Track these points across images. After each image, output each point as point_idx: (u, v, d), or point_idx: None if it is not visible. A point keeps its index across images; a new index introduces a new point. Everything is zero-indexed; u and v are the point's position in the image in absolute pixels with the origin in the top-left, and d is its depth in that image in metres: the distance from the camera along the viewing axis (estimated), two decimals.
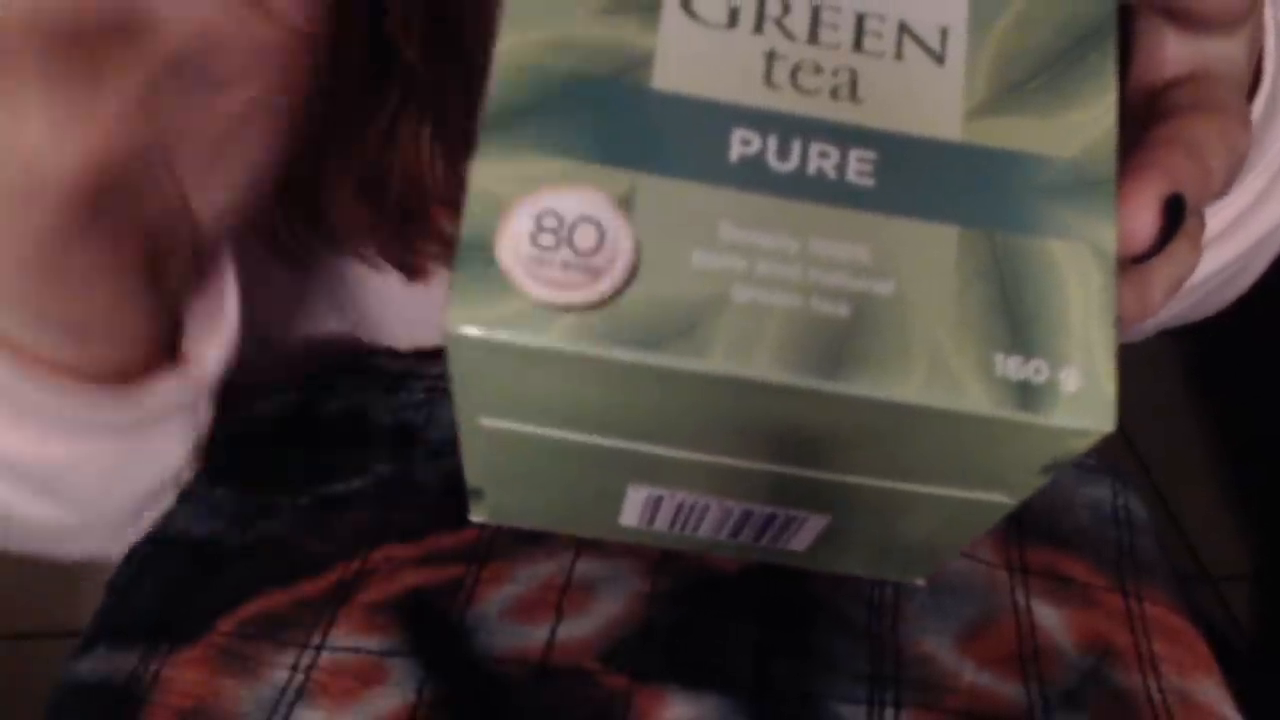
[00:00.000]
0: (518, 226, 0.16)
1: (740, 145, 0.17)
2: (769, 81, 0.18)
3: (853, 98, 0.18)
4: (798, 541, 0.23)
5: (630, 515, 0.22)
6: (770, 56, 0.18)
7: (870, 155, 0.17)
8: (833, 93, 0.18)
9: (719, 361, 0.16)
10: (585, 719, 0.32)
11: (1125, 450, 1.16)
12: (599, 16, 0.18)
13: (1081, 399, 0.17)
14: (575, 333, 0.16)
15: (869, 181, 0.17)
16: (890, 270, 0.17)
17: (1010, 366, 0.17)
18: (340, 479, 0.38)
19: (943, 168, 0.17)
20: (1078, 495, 0.41)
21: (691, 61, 0.18)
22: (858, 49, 0.18)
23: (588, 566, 0.35)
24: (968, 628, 0.36)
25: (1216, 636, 0.40)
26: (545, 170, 0.17)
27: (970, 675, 0.34)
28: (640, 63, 0.17)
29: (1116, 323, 0.17)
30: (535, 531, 0.31)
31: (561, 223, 0.16)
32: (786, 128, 0.17)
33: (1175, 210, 0.19)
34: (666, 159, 0.17)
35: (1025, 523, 0.39)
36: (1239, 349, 1.25)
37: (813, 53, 0.18)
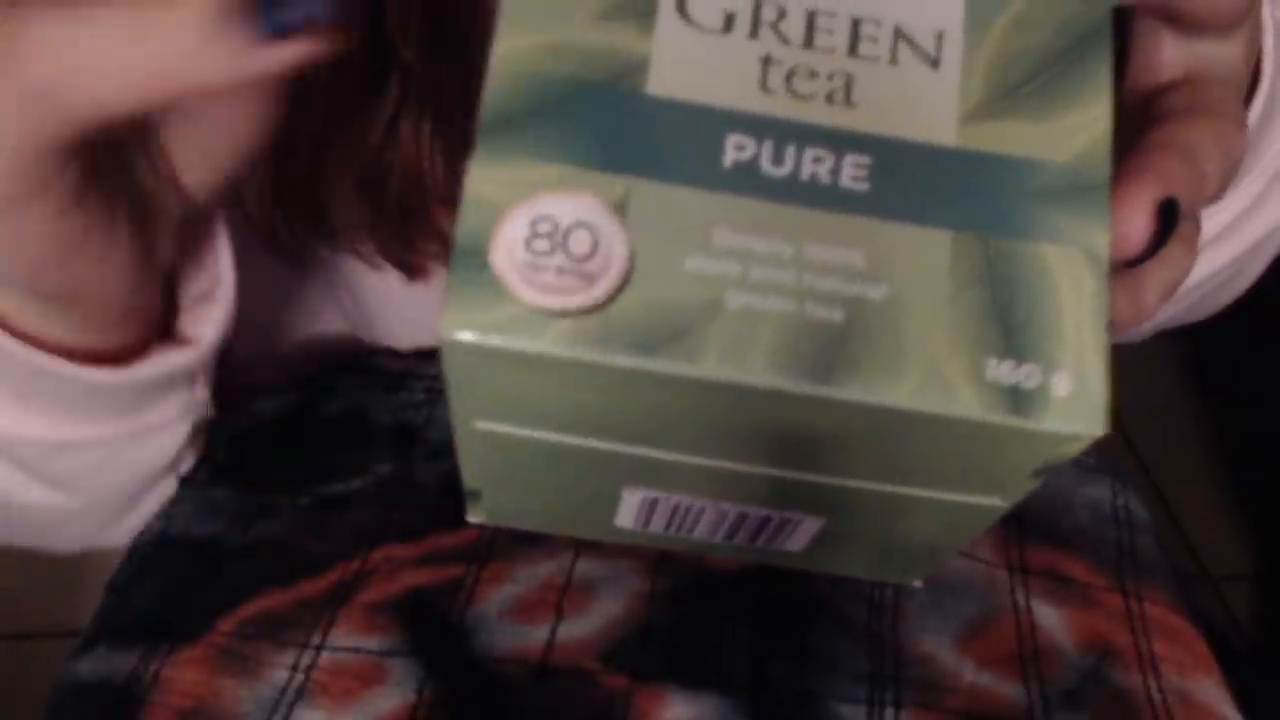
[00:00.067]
0: (512, 232, 0.16)
1: (734, 150, 0.17)
2: (764, 87, 0.18)
3: (847, 102, 0.18)
4: (793, 543, 0.23)
5: (626, 517, 0.23)
6: (765, 62, 0.18)
7: (864, 160, 0.17)
8: (828, 97, 0.18)
9: (713, 367, 0.16)
10: (585, 719, 0.32)
11: (1125, 450, 1.16)
12: (595, 22, 0.18)
13: (1073, 404, 0.17)
14: (569, 338, 0.16)
15: (863, 186, 0.17)
16: (884, 275, 0.17)
17: (1002, 371, 0.17)
18: (340, 479, 0.38)
19: (937, 172, 0.17)
20: (1077, 495, 0.41)
21: (686, 67, 0.18)
22: (853, 54, 0.18)
23: (587, 566, 0.35)
24: (968, 627, 0.36)
25: (1216, 636, 0.40)
26: (540, 175, 0.17)
27: (970, 675, 0.34)
28: (636, 68, 0.17)
29: (1109, 327, 0.17)
30: (535, 532, 0.31)
31: (556, 228, 0.16)
32: (781, 133, 0.17)
33: (1169, 215, 0.19)
34: (661, 164, 0.17)
35: (1025, 522, 0.39)
36: (1238, 349, 1.25)
37: (808, 58, 0.18)
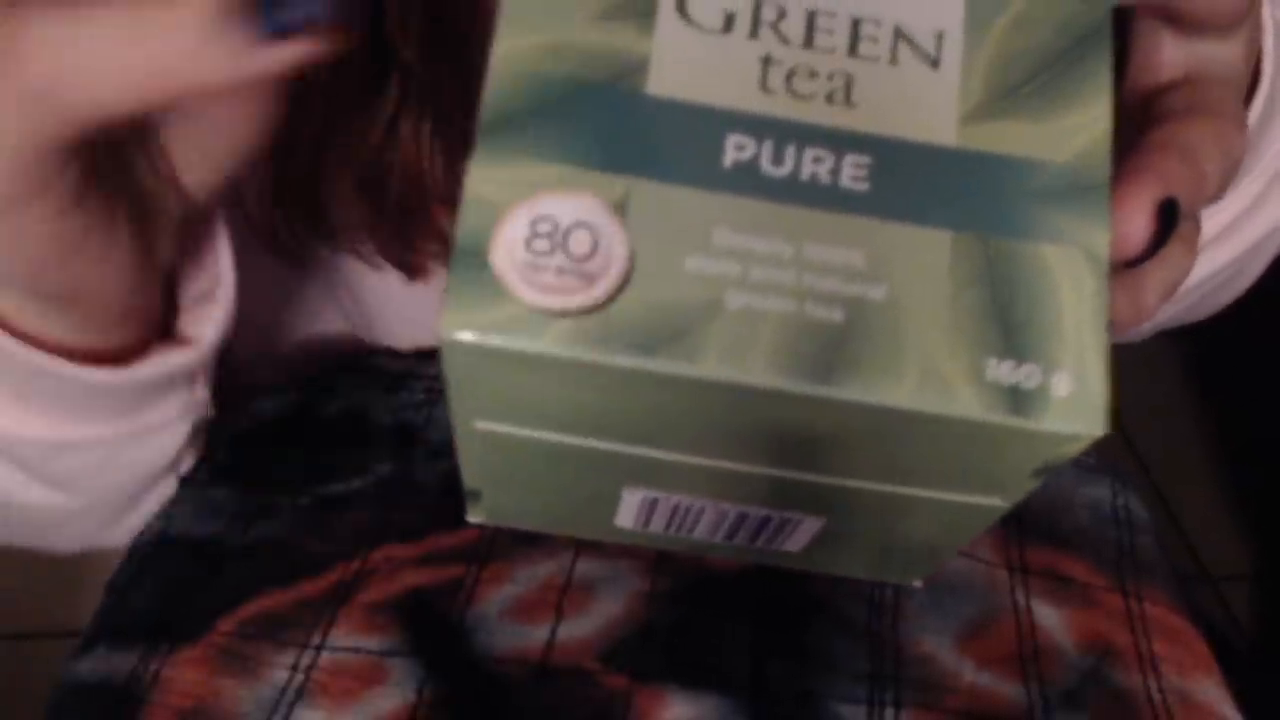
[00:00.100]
0: (512, 232, 0.16)
1: (734, 150, 0.17)
2: (764, 86, 0.18)
3: (847, 102, 0.18)
4: (793, 543, 0.23)
5: (626, 517, 0.23)
6: (765, 61, 0.18)
7: (864, 160, 0.17)
8: (828, 97, 0.18)
9: (712, 367, 0.16)
10: (585, 719, 0.32)
11: (1125, 450, 1.16)
12: (595, 22, 0.18)
13: (1073, 404, 0.17)
14: (569, 338, 0.16)
15: (863, 186, 0.17)
16: (884, 275, 0.17)
17: (1002, 371, 0.17)
18: (340, 479, 0.38)
19: (937, 172, 0.17)
20: (1077, 495, 0.41)
21: (686, 67, 0.18)
22: (853, 54, 0.18)
23: (587, 566, 0.35)
24: (968, 627, 0.36)
25: (1216, 636, 0.40)
26: (540, 175, 0.17)
27: (970, 675, 0.34)
28: (636, 68, 0.17)
29: (1109, 327, 0.17)
30: (535, 532, 0.31)
31: (556, 228, 0.16)
32: (781, 133, 0.17)
33: (1169, 215, 0.19)
34: (661, 164, 0.17)
35: (1025, 522, 0.39)
36: (1239, 349, 1.25)
37: (808, 57, 0.18)
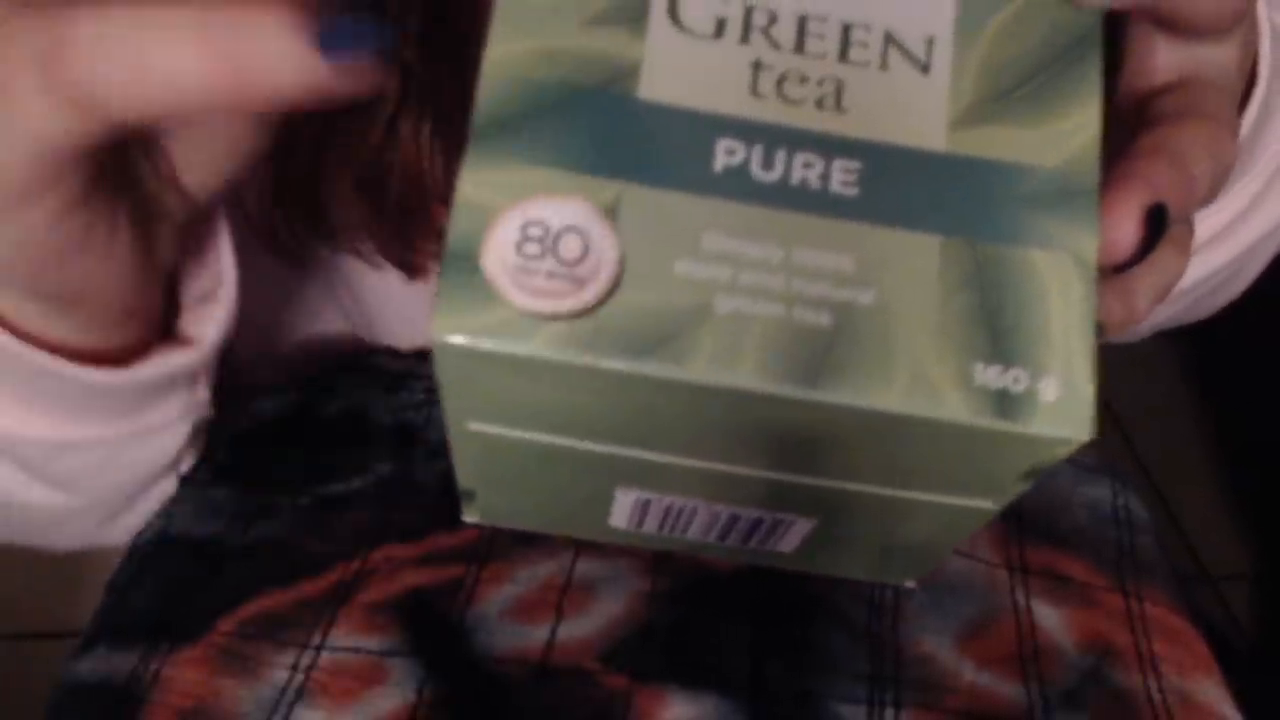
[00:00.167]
0: (503, 235, 0.16)
1: (725, 155, 0.17)
2: (754, 91, 0.18)
3: (838, 108, 0.18)
4: (785, 544, 0.23)
5: (619, 517, 0.23)
6: (756, 67, 0.18)
7: (854, 165, 0.17)
8: (818, 103, 0.18)
9: (702, 370, 0.16)
10: (585, 719, 0.32)
11: (1125, 450, 1.16)
12: (587, 27, 0.18)
13: (1060, 408, 0.17)
14: (560, 341, 0.16)
15: (853, 191, 0.17)
16: (873, 280, 0.17)
17: (990, 375, 0.17)
18: (340, 479, 0.38)
19: (926, 177, 0.18)
20: (1077, 495, 0.41)
21: (678, 72, 0.18)
22: (843, 59, 0.18)
23: (587, 566, 0.35)
24: (968, 627, 0.36)
25: (1216, 636, 0.40)
26: (532, 180, 0.17)
27: (970, 675, 0.34)
28: (627, 73, 0.18)
29: (1097, 332, 0.17)
30: (531, 532, 0.31)
31: (547, 232, 0.16)
32: (771, 138, 0.17)
33: (1157, 220, 0.19)
34: (652, 169, 0.17)
35: (1025, 522, 0.39)
36: (1238, 349, 1.25)
37: (798, 63, 0.18)
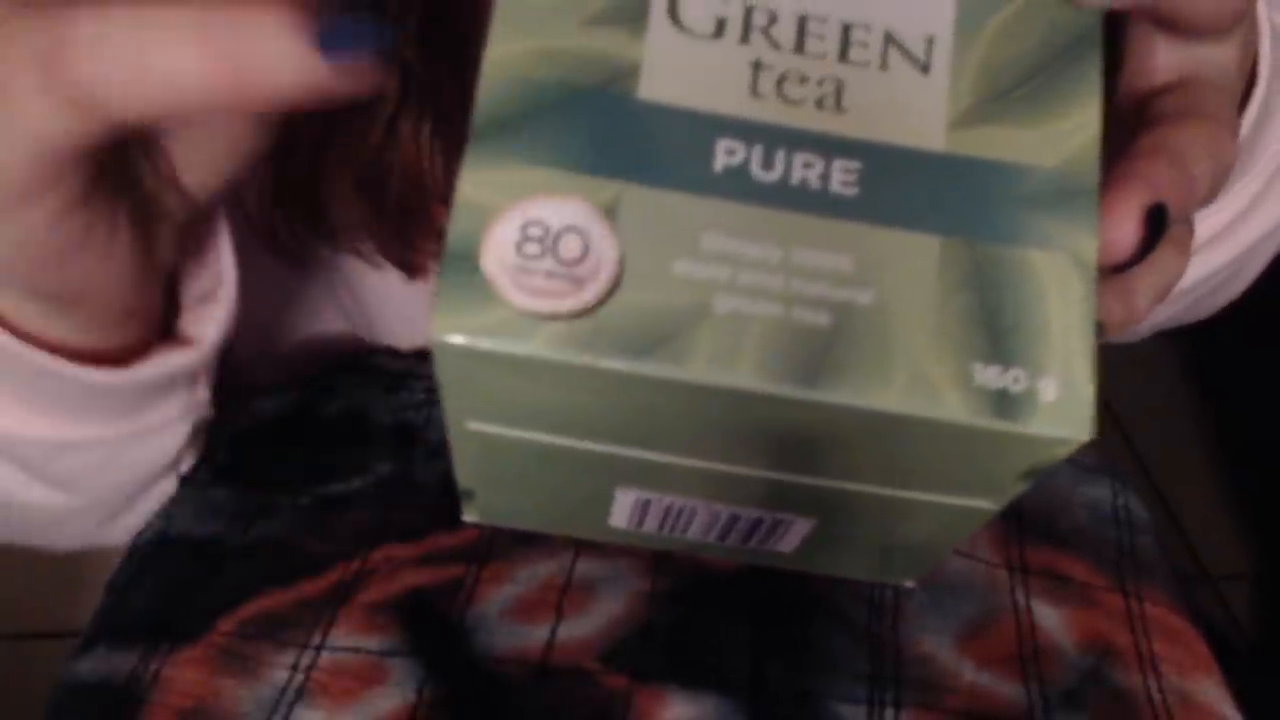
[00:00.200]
0: (503, 235, 0.16)
1: (725, 155, 0.17)
2: (754, 92, 0.18)
3: (837, 108, 0.18)
4: (785, 544, 0.23)
5: (619, 517, 0.23)
6: (756, 67, 0.18)
7: (854, 165, 0.17)
8: (818, 103, 0.18)
9: (701, 370, 0.16)
10: (585, 719, 0.32)
11: (1125, 450, 1.16)
12: (587, 27, 0.18)
13: (1059, 408, 0.17)
14: (559, 341, 0.16)
15: (852, 191, 0.17)
16: (872, 280, 0.17)
17: (989, 376, 0.17)
18: (340, 479, 0.38)
19: (926, 178, 0.18)
20: (1077, 495, 0.41)
21: (678, 72, 0.18)
22: (843, 59, 0.18)
23: (588, 566, 0.35)
24: (968, 627, 0.36)
25: (1216, 636, 0.40)
26: (531, 180, 0.17)
27: (970, 675, 0.34)
28: (627, 73, 0.18)
29: (1097, 332, 0.17)
30: (531, 532, 0.31)
31: (547, 232, 0.16)
32: (771, 138, 0.17)
33: (1157, 220, 0.19)
34: (651, 169, 0.17)
35: (1025, 522, 0.39)
36: (1239, 349, 1.25)
37: (798, 63, 0.18)
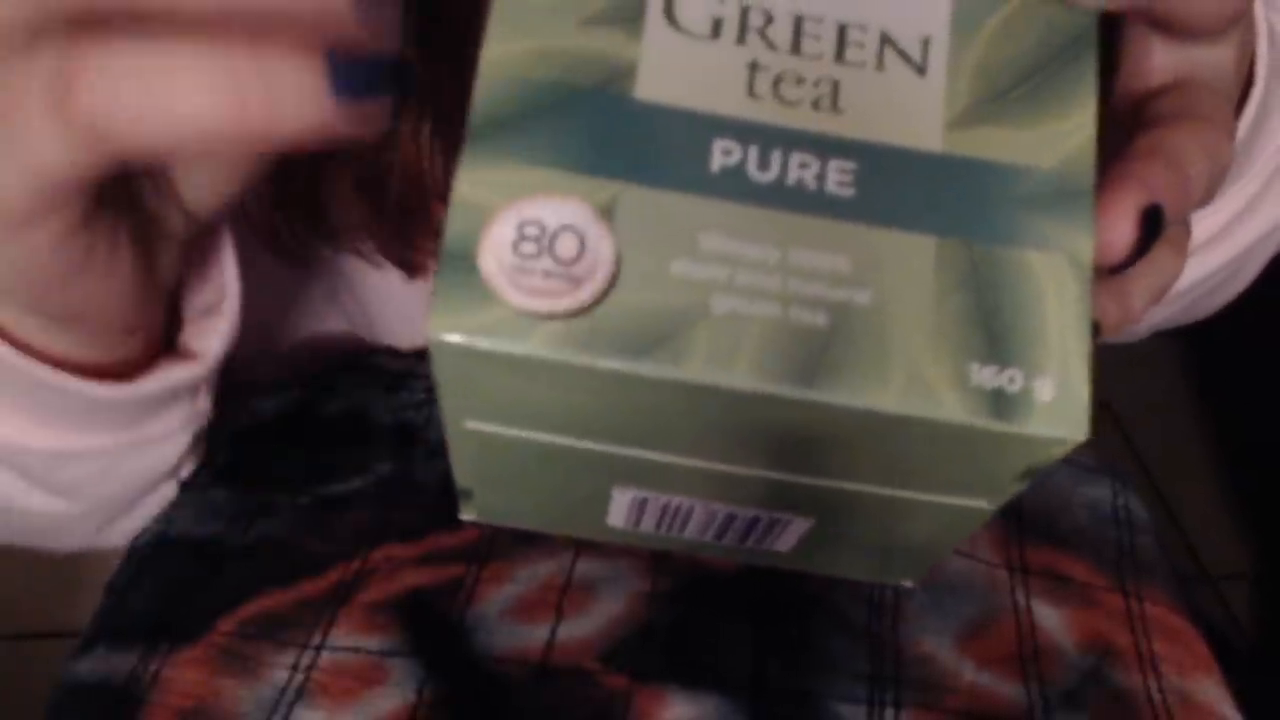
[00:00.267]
0: (500, 235, 0.16)
1: (721, 155, 0.17)
2: (751, 92, 0.18)
3: (834, 108, 0.18)
4: (783, 543, 0.23)
5: (617, 516, 0.23)
6: (752, 67, 0.18)
7: (850, 166, 0.17)
8: (814, 103, 0.18)
9: (698, 370, 0.16)
10: (585, 719, 0.32)
11: (1125, 450, 1.16)
12: (583, 27, 0.18)
13: (1056, 408, 0.17)
14: (556, 341, 0.16)
15: (849, 192, 0.17)
16: (869, 280, 0.17)
17: (986, 376, 0.17)
18: (340, 478, 0.38)
19: (922, 178, 0.18)
20: (1077, 495, 0.41)
21: (674, 72, 0.18)
22: (839, 59, 0.18)
23: (588, 566, 0.35)
24: (968, 627, 0.36)
25: (1216, 636, 0.40)
26: (528, 179, 0.17)
27: (970, 675, 0.34)
28: (624, 73, 0.18)
29: (1093, 333, 0.17)
30: (530, 531, 0.31)
31: (544, 231, 0.17)
32: (767, 138, 0.17)
33: (1153, 221, 0.19)
34: (648, 169, 0.17)
35: (1025, 522, 0.39)
36: (1239, 349, 1.25)
37: (795, 63, 0.18)
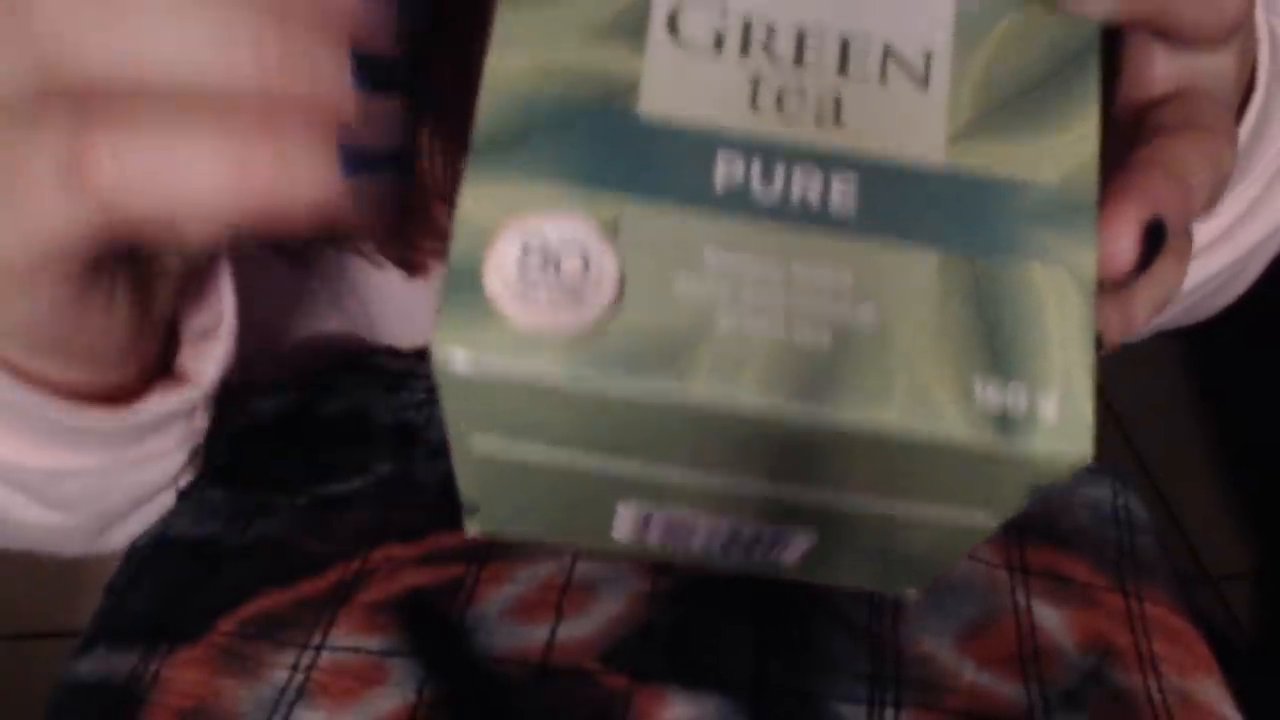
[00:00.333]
0: (504, 252, 0.16)
1: (725, 171, 0.17)
2: (754, 106, 0.18)
3: (836, 122, 0.18)
4: (788, 556, 0.23)
5: (622, 530, 0.23)
6: (755, 81, 0.18)
7: (853, 180, 0.17)
8: (817, 117, 0.18)
9: (703, 388, 0.16)
10: (585, 719, 0.32)
11: (1125, 450, 1.16)
12: (586, 42, 0.18)
13: (1060, 426, 0.17)
14: (560, 359, 0.16)
15: (852, 207, 0.17)
16: (872, 296, 0.17)
17: (989, 393, 0.17)
18: (340, 478, 0.38)
19: (925, 193, 0.17)
20: (1077, 495, 0.41)
21: (677, 87, 0.18)
22: (842, 73, 0.18)
23: (588, 567, 0.35)
24: (968, 628, 0.36)
25: (1216, 636, 0.40)
26: (532, 196, 0.17)
27: (970, 675, 0.34)
28: (627, 88, 0.17)
29: (1095, 347, 0.17)
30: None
31: (548, 249, 0.16)
32: (770, 153, 0.17)
33: (1156, 235, 0.18)
34: (652, 185, 0.17)
35: (1025, 523, 0.39)
36: (1239, 349, 1.25)
37: (797, 77, 0.18)
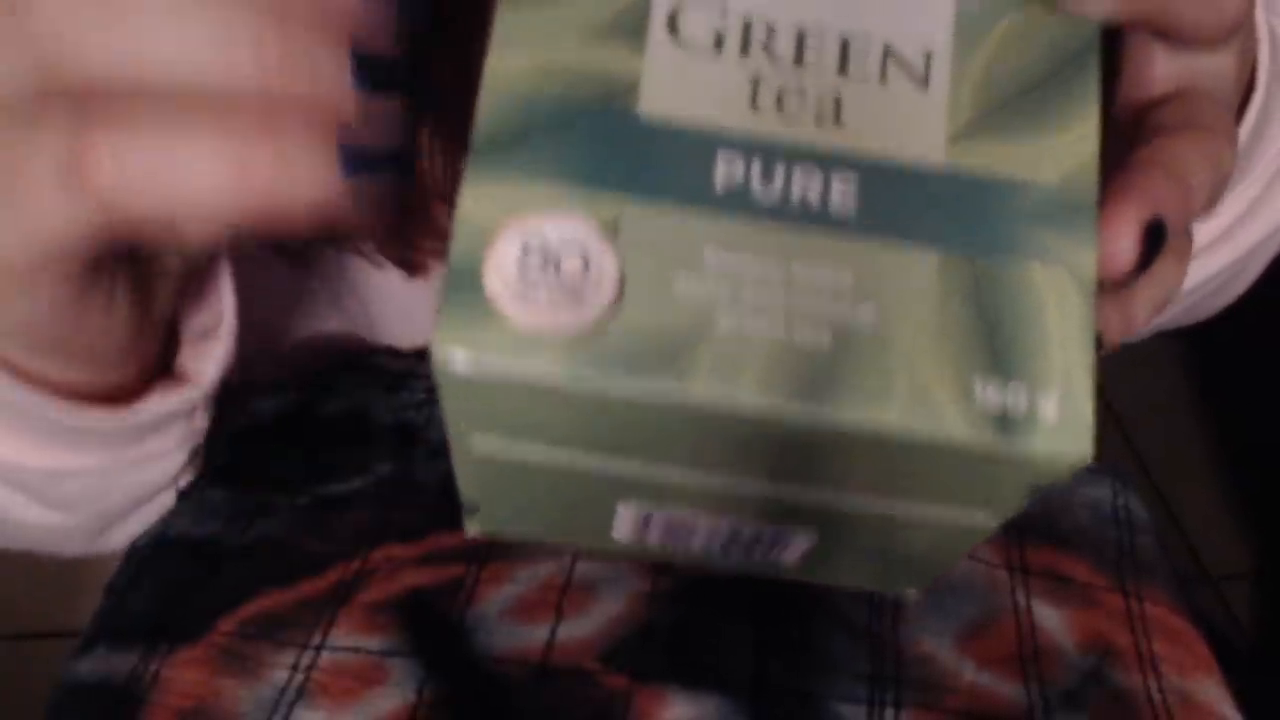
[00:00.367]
0: (504, 253, 0.16)
1: (725, 171, 0.17)
2: (754, 106, 0.18)
3: (836, 122, 0.18)
4: (788, 556, 0.23)
5: (622, 530, 0.23)
6: (755, 81, 0.18)
7: (853, 180, 0.17)
8: (817, 117, 0.18)
9: (703, 388, 0.16)
10: (585, 719, 0.32)
11: (1125, 450, 1.16)
12: (586, 42, 0.18)
13: (1060, 426, 0.17)
14: (560, 359, 0.16)
15: (852, 207, 0.17)
16: (872, 296, 0.17)
17: (989, 393, 0.17)
18: (340, 478, 0.38)
19: (925, 193, 0.17)
20: (1077, 495, 0.41)
21: (677, 87, 0.18)
22: (842, 73, 0.18)
23: (588, 566, 0.35)
24: (968, 628, 0.36)
25: (1216, 636, 0.40)
26: (532, 196, 0.17)
27: (970, 675, 0.34)
28: (627, 88, 0.17)
29: (1095, 347, 0.17)
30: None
31: (548, 249, 0.16)
32: (770, 153, 0.17)
33: (1156, 235, 0.18)
34: (652, 185, 0.17)
35: (1025, 523, 0.39)
36: (1240, 349, 1.25)
37: (797, 77, 0.18)
